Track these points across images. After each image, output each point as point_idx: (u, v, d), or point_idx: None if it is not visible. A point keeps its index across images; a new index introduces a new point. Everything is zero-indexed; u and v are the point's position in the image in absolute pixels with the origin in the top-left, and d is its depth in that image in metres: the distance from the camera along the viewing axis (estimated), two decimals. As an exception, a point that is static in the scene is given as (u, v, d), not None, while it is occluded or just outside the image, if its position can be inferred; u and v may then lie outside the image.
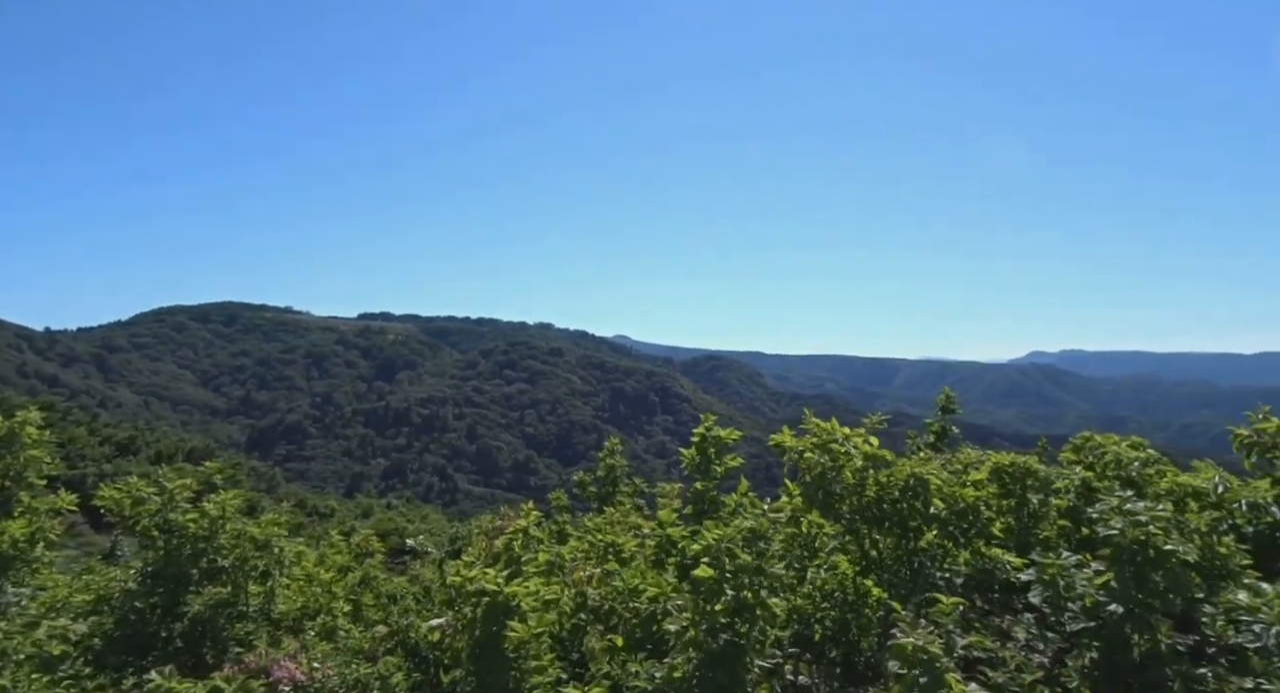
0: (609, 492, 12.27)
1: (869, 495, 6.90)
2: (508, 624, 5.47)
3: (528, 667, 5.31)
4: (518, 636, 5.42)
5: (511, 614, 5.53)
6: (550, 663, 5.51)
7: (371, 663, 6.32)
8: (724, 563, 5.00)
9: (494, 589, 5.57)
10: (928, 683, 4.22)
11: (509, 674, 5.33)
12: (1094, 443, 7.35)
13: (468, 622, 5.68)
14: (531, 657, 5.44)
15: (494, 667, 5.38)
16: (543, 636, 5.67)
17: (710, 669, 4.67)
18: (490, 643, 5.47)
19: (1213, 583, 5.72)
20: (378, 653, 6.69)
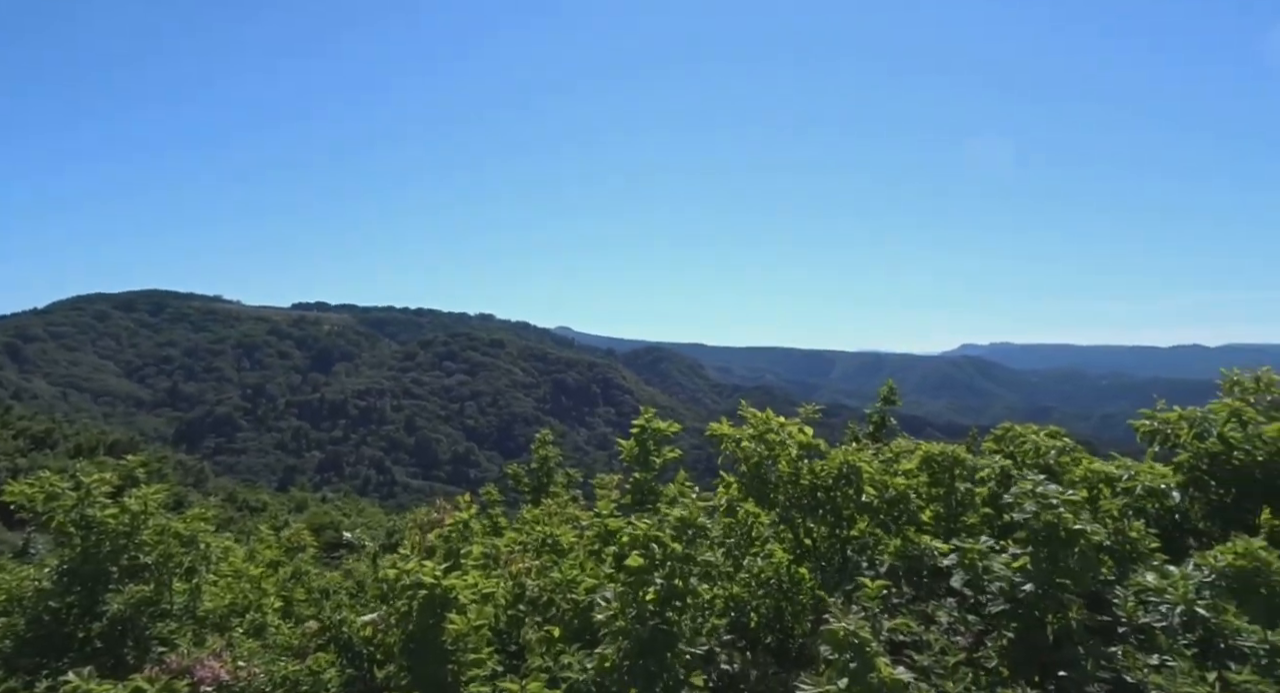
0: (543, 483, 12.27)
1: (803, 484, 7.05)
2: (446, 617, 5.43)
3: (465, 660, 5.28)
4: (456, 628, 5.39)
5: (450, 607, 5.50)
6: (488, 656, 5.49)
7: (301, 660, 6.20)
8: (654, 552, 5.05)
9: (431, 582, 5.52)
10: (857, 667, 4.34)
11: (446, 668, 5.29)
12: (1014, 433, 7.63)
13: (403, 615, 5.62)
14: (469, 650, 5.42)
15: (430, 660, 5.34)
16: (482, 628, 5.65)
17: (640, 657, 4.72)
18: (427, 637, 5.43)
19: (1124, 565, 6.01)
20: (309, 650, 6.57)
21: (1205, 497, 6.37)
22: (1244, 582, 5.12)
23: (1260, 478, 6.17)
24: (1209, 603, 5.08)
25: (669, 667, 4.88)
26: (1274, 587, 5.12)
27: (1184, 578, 5.33)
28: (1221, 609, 5.07)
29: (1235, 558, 5.19)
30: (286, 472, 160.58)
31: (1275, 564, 5.12)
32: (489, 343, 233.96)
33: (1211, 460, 6.30)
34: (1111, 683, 4.92)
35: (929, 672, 5.06)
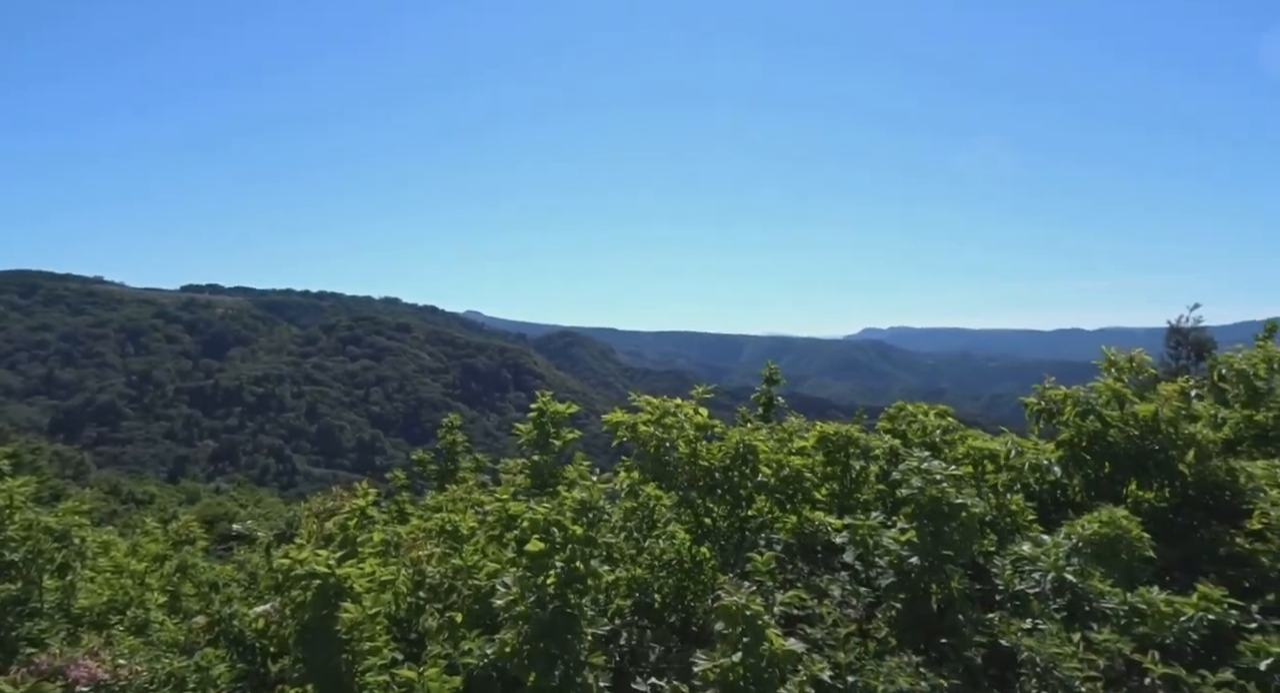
0: (450, 469, 12.14)
1: (702, 466, 7.17)
2: (340, 606, 5.29)
3: (360, 649, 5.16)
4: (351, 617, 5.26)
5: (344, 596, 5.36)
6: (385, 644, 5.39)
7: (188, 656, 5.93)
8: (555, 536, 5.05)
9: (325, 571, 5.37)
10: (750, 640, 4.46)
11: (340, 658, 5.16)
12: (905, 412, 7.96)
13: (297, 606, 5.45)
14: (365, 639, 5.30)
15: (324, 651, 5.20)
16: (378, 617, 5.54)
17: (541, 640, 4.72)
18: (321, 627, 5.28)
19: (1005, 537, 6.37)
20: (196, 645, 6.29)
21: (1083, 471, 6.80)
22: (1107, 548, 5.50)
23: (1132, 454, 6.62)
24: (1076, 569, 5.44)
25: (570, 648, 4.89)
26: (1134, 552, 5.53)
27: (1055, 547, 5.69)
28: (1088, 574, 5.44)
29: (1100, 527, 5.57)
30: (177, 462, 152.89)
31: (1135, 531, 5.52)
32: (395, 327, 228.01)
33: (1090, 438, 6.71)
34: (988, 647, 5.22)
35: (821, 643, 5.25)
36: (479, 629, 5.55)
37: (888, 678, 4.78)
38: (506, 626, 4.92)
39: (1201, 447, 6.38)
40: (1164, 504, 6.50)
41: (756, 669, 4.45)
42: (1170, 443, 6.36)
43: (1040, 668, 4.79)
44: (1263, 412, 6.85)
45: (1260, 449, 6.79)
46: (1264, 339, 7.39)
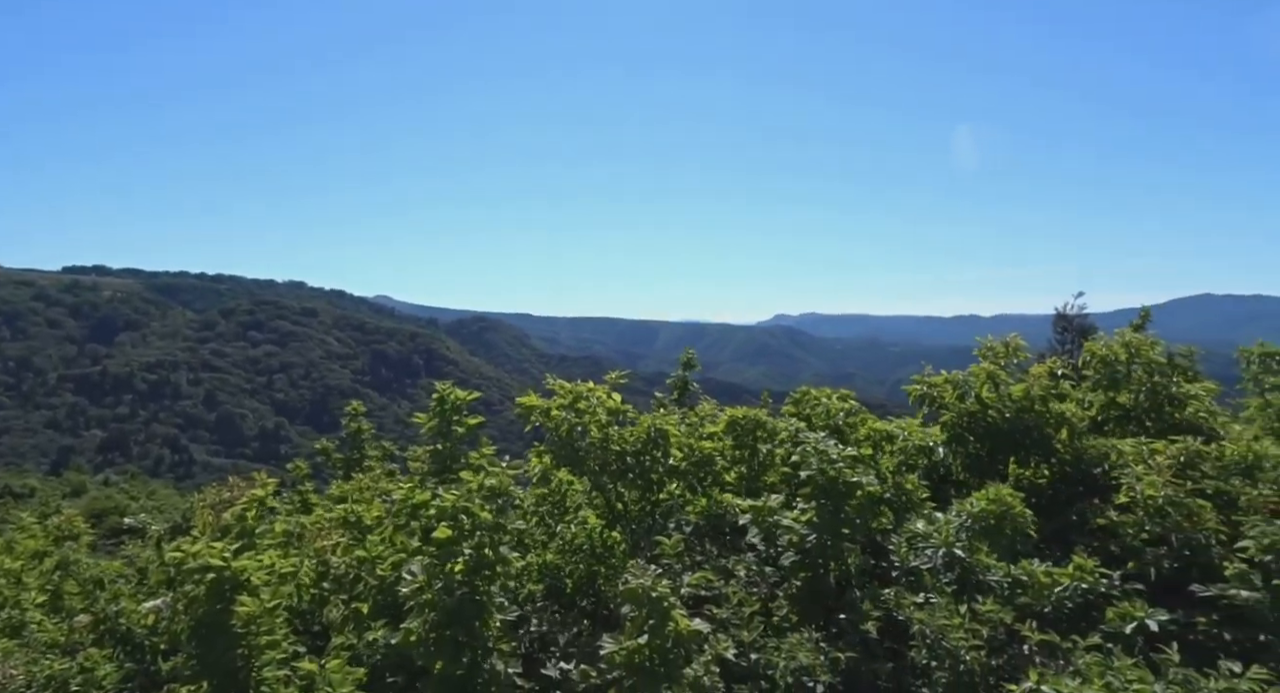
0: (356, 457, 11.89)
1: (613, 450, 7.23)
2: (236, 600, 5.12)
3: (258, 644, 5.00)
4: (247, 611, 5.09)
5: (241, 589, 5.18)
6: (285, 638, 5.24)
7: (70, 657, 5.64)
8: (463, 523, 5.01)
9: (220, 564, 5.17)
10: (655, 621, 4.54)
11: (236, 653, 5.00)
12: (810, 397, 8.21)
13: (190, 601, 5.24)
14: (263, 633, 5.14)
15: (219, 646, 5.02)
16: (277, 610, 5.37)
17: (448, 628, 4.69)
18: (215, 622, 5.09)
19: (900, 515, 6.66)
20: (79, 646, 5.98)
21: (965, 451, 7.18)
22: (994, 524, 5.83)
23: (1010, 433, 7.02)
24: (965, 544, 5.74)
25: (478, 636, 4.87)
26: (1017, 527, 5.87)
27: (947, 524, 5.99)
28: (976, 549, 5.75)
29: (987, 504, 5.88)
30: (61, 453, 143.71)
31: (1018, 508, 5.86)
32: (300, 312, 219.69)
33: (970, 419, 7.09)
34: (884, 620, 5.47)
35: (726, 623, 5.39)
36: (384, 620, 5.47)
37: (788, 654, 4.95)
38: (412, 614, 4.86)
39: (1073, 425, 6.82)
40: (1042, 481, 6.93)
41: (663, 650, 4.53)
42: (1044, 422, 6.78)
43: (930, 639, 5.04)
44: (1125, 394, 7.37)
45: (1124, 429, 7.31)
46: (1137, 326, 7.94)
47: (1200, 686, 4.21)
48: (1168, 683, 4.25)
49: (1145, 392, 7.24)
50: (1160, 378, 7.17)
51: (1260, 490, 5.88)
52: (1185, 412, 7.19)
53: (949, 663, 4.89)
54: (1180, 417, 7.15)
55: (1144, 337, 7.44)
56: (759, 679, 4.99)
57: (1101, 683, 4.14)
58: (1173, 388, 7.19)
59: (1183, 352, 7.30)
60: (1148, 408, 7.26)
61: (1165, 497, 5.85)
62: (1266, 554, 5.31)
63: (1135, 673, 4.21)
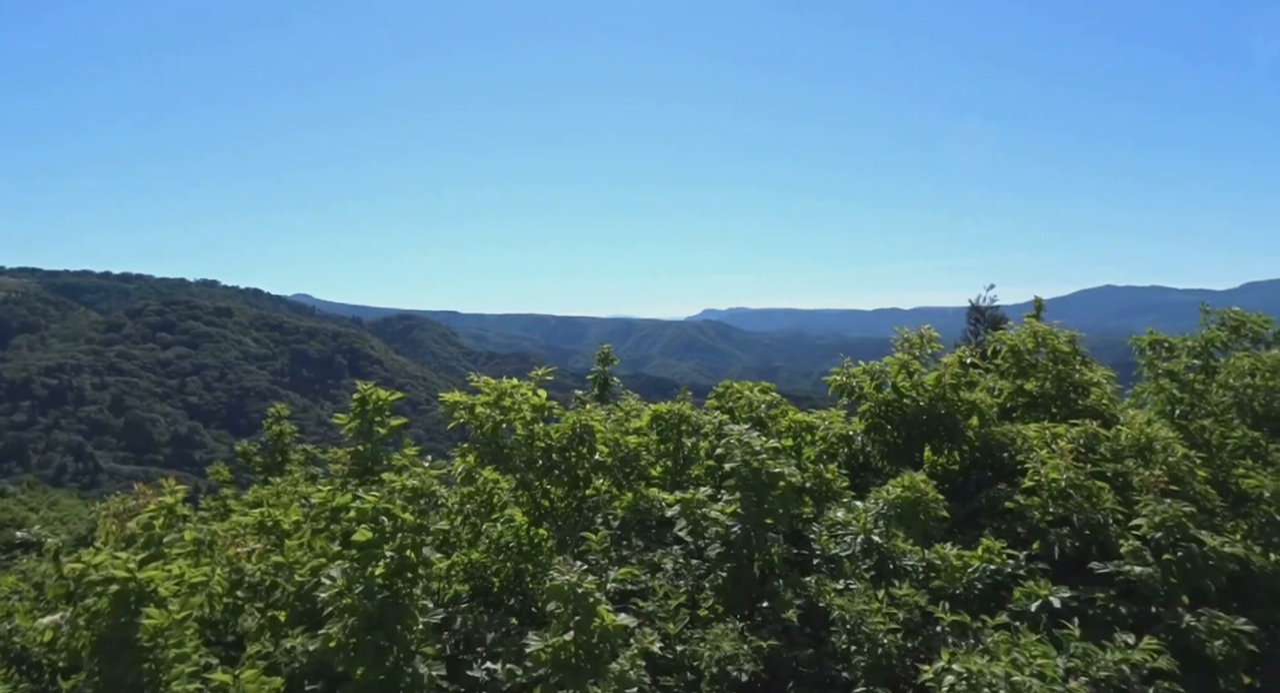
0: (277, 461, 11.58)
1: (539, 447, 7.19)
2: (142, 613, 4.90)
3: (165, 657, 4.80)
4: (154, 624, 4.88)
5: (147, 601, 4.96)
6: (195, 650, 5.04)
7: (-40, 680, 5.30)
8: (384, 524, 4.91)
9: (124, 575, 4.94)
10: (581, 617, 4.54)
11: (142, 668, 4.78)
12: (732, 390, 8.33)
13: (92, 615, 4.99)
14: (171, 645, 4.93)
15: (124, 662, 4.80)
16: (187, 621, 5.16)
17: (369, 632, 4.59)
18: (119, 636, 4.87)
19: (821, 504, 6.82)
20: (-30, 668, 5.62)
21: (882, 439, 7.40)
22: (909, 510, 6.02)
23: (924, 421, 7.27)
24: (882, 531, 5.92)
25: (400, 639, 4.78)
26: (930, 513, 6.08)
27: (865, 511, 6.17)
28: (892, 535, 5.93)
29: (903, 491, 6.08)
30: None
31: (931, 494, 6.08)
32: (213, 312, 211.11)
33: (887, 408, 7.31)
34: (805, 608, 5.59)
35: (653, 616, 5.43)
36: (303, 626, 5.31)
37: (713, 645, 5.02)
38: (332, 619, 4.74)
39: (983, 413, 7.12)
40: (955, 467, 7.20)
41: (588, 646, 4.54)
42: (955, 409, 7.05)
43: (850, 624, 5.18)
44: (1033, 381, 7.72)
45: (1032, 415, 7.65)
46: (1033, 316, 8.31)
47: (1098, 658, 4.45)
48: (1069, 657, 4.48)
49: (1051, 379, 7.59)
50: (1065, 365, 7.53)
51: (1152, 471, 6.24)
52: (1089, 398, 7.57)
53: (868, 647, 5.04)
54: (1084, 403, 7.52)
55: (1051, 326, 7.79)
56: (684, 671, 5.05)
57: (1008, 660, 4.33)
58: (1076, 375, 7.56)
59: (1070, 337, 7.67)
60: (1054, 394, 7.61)
61: (1067, 480, 6.14)
62: (1158, 532, 5.64)
63: (1039, 649, 4.42)
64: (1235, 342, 7.80)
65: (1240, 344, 7.81)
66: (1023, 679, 4.15)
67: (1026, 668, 4.26)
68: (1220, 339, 7.80)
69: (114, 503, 6.57)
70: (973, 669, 4.25)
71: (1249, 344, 7.77)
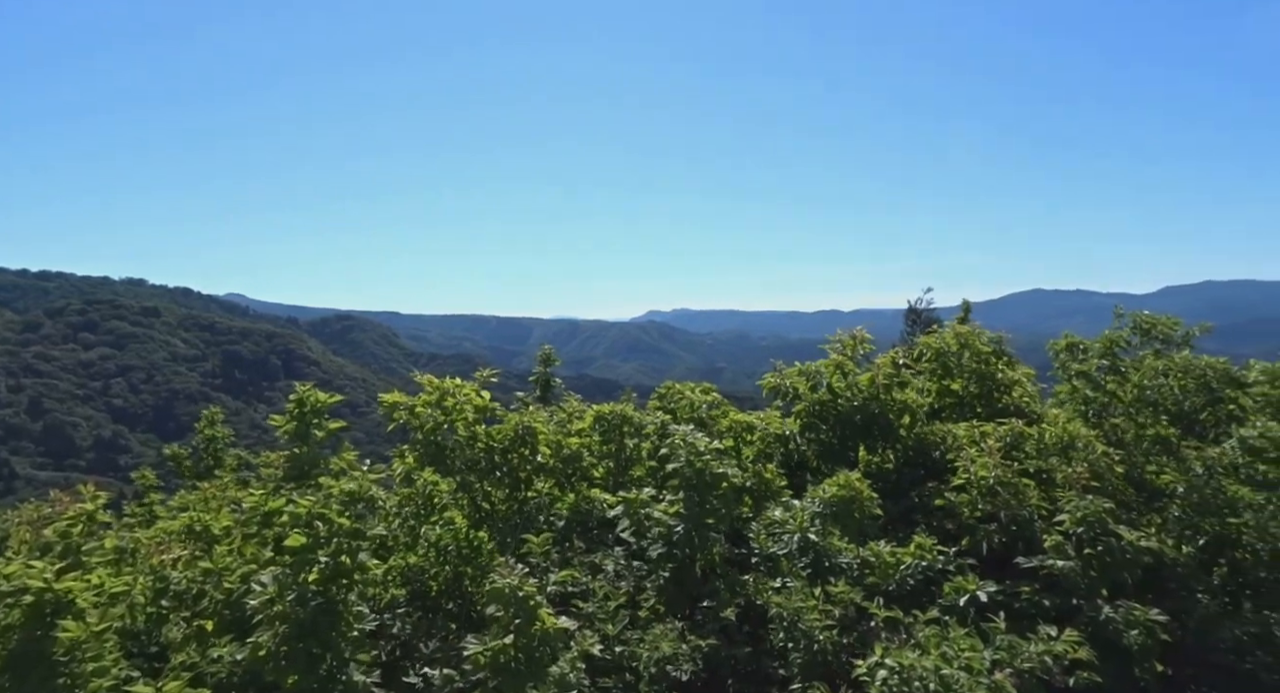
0: (209, 465, 11.24)
1: (480, 448, 7.12)
2: (58, 625, 4.69)
3: (82, 671, 4.61)
4: (71, 636, 4.68)
5: (63, 612, 4.76)
6: (115, 663, 4.85)
7: None
8: (319, 529, 4.80)
9: (39, 586, 4.73)
10: (521, 620, 4.51)
11: (57, 683, 4.58)
12: (675, 391, 8.38)
13: (3, 629, 4.77)
14: (89, 659, 4.73)
15: (36, 678, 4.59)
16: (106, 633, 4.96)
17: (300, 640, 4.48)
18: (33, 650, 4.66)
19: (760, 503, 6.90)
20: None
21: (818, 439, 7.53)
22: (844, 509, 6.14)
23: (859, 421, 7.42)
24: (818, 529, 6.02)
25: (334, 646, 4.68)
26: (865, 511, 6.21)
27: (802, 510, 6.26)
28: (828, 533, 6.04)
29: (838, 490, 6.19)
30: None
31: (865, 492, 6.20)
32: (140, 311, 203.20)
33: (822, 408, 7.45)
34: (744, 607, 5.66)
35: (593, 618, 5.42)
36: (231, 635, 5.16)
37: (651, 645, 5.04)
38: (261, 627, 4.61)
39: (914, 412, 7.30)
40: (888, 466, 7.37)
41: (528, 649, 4.51)
42: (888, 409, 7.22)
43: (787, 622, 5.26)
44: (957, 381, 7.96)
45: (958, 414, 7.89)
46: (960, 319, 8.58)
47: (1022, 650, 4.61)
48: (995, 649, 4.63)
49: (975, 379, 7.84)
50: (987, 366, 7.78)
51: (1074, 468, 6.49)
52: (1011, 396, 7.83)
53: (804, 643, 5.12)
54: (1006, 401, 7.78)
55: (973, 328, 8.04)
56: (624, 672, 5.05)
57: (938, 653, 4.45)
58: (998, 375, 7.81)
59: (993, 338, 7.95)
60: (978, 394, 7.86)
61: (995, 477, 6.34)
62: (1079, 526, 5.87)
63: (967, 642, 4.56)
64: (1146, 343, 8.17)
65: (1151, 345, 8.18)
66: (951, 673, 4.26)
67: (955, 661, 4.39)
68: (1124, 340, 8.16)
69: (28, 510, 6.28)
70: (904, 664, 4.35)
71: (1160, 345, 8.14)
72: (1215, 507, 6.32)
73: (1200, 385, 7.38)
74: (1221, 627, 5.79)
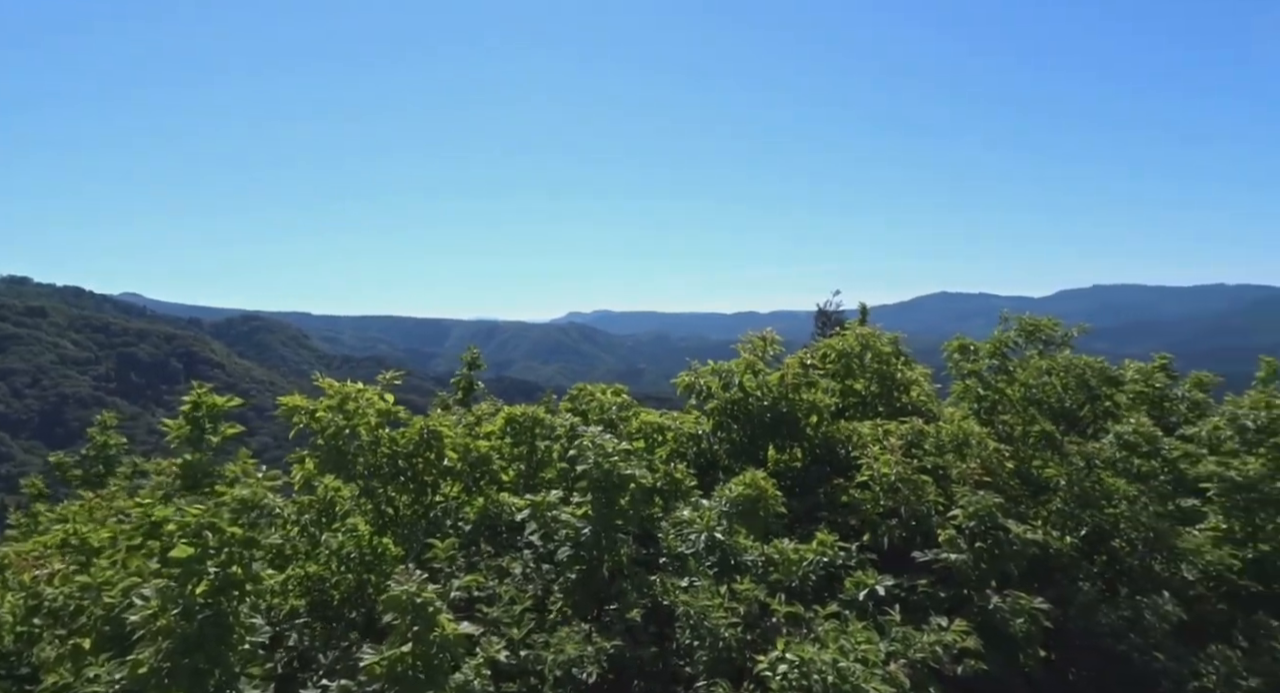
0: (100, 474, 10.65)
1: (384, 453, 6.96)
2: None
3: (-59, 697, 4.29)
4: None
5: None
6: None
7: None
8: (207, 539, 4.59)
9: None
10: (420, 628, 4.41)
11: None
12: (585, 392, 8.36)
13: None
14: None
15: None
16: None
17: (186, 655, 4.27)
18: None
19: (670, 503, 6.95)
20: None
21: (729, 438, 7.65)
22: (749, 507, 6.24)
23: (768, 420, 7.57)
24: (725, 528, 6.10)
25: (223, 660, 4.48)
26: (769, 509, 6.33)
27: (709, 509, 6.34)
28: (735, 532, 6.12)
29: (744, 489, 6.29)
30: None
31: (770, 491, 6.32)
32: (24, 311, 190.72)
33: (734, 407, 7.57)
34: (651, 607, 5.68)
35: (498, 622, 5.35)
36: (110, 653, 4.88)
37: (556, 648, 5.01)
38: (143, 643, 4.38)
39: (821, 411, 7.50)
40: (797, 464, 7.55)
41: (427, 657, 4.41)
42: (797, 408, 7.39)
43: (693, 620, 5.31)
44: (860, 381, 8.23)
45: (861, 413, 8.15)
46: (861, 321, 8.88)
47: (916, 641, 4.77)
48: (890, 641, 4.79)
49: (876, 379, 8.11)
50: (887, 366, 8.07)
51: (968, 464, 6.77)
52: (909, 395, 8.12)
53: (709, 641, 5.17)
54: (905, 400, 8.07)
55: (873, 329, 8.32)
56: (529, 676, 5.01)
57: (836, 647, 4.57)
58: (898, 375, 8.11)
59: (893, 339, 8.25)
60: (879, 393, 8.13)
61: (897, 474, 6.56)
62: (971, 521, 6.13)
63: (864, 635, 4.70)
64: (1031, 344, 8.61)
65: (1035, 346, 8.63)
66: (848, 665, 4.39)
67: (852, 654, 4.52)
68: (1012, 341, 8.59)
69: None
70: (804, 658, 4.45)
71: (1043, 346, 8.59)
72: (1094, 499, 6.70)
73: (1080, 384, 7.83)
74: (1100, 612, 6.13)
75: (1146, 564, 6.62)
